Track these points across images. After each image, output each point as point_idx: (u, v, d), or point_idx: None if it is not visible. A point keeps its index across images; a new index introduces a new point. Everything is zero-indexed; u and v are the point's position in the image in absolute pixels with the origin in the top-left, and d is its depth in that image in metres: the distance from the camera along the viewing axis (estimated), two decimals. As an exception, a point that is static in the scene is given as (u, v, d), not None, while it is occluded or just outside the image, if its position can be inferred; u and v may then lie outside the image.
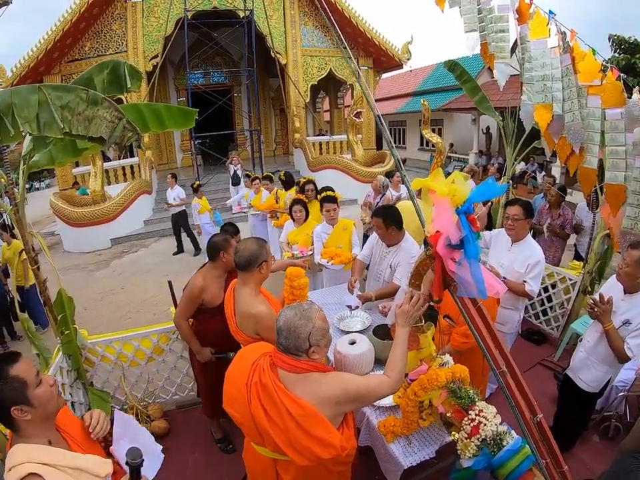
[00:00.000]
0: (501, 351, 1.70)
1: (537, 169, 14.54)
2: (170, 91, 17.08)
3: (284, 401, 1.73)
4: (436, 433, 2.34)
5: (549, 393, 3.88)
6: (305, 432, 1.71)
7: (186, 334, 3.24)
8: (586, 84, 2.61)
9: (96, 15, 12.58)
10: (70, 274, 9.12)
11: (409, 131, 24.60)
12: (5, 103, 2.05)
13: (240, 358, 2.05)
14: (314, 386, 1.76)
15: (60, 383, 3.24)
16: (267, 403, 1.76)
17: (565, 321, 4.66)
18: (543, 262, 3.45)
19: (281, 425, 1.73)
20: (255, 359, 1.92)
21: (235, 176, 11.10)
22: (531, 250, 3.48)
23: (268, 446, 1.84)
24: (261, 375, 1.82)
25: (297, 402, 1.72)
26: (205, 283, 3.09)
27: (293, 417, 1.71)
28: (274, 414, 1.75)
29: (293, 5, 14.88)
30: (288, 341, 1.76)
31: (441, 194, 1.63)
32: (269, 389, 1.77)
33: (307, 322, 1.76)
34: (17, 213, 2.92)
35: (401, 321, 1.98)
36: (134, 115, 3.12)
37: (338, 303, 3.79)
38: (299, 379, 1.77)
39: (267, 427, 1.76)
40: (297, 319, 1.76)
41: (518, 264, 3.47)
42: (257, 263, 2.53)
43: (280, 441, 1.74)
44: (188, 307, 3.15)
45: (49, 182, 35.29)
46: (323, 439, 1.71)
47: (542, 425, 1.70)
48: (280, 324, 1.78)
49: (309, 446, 1.71)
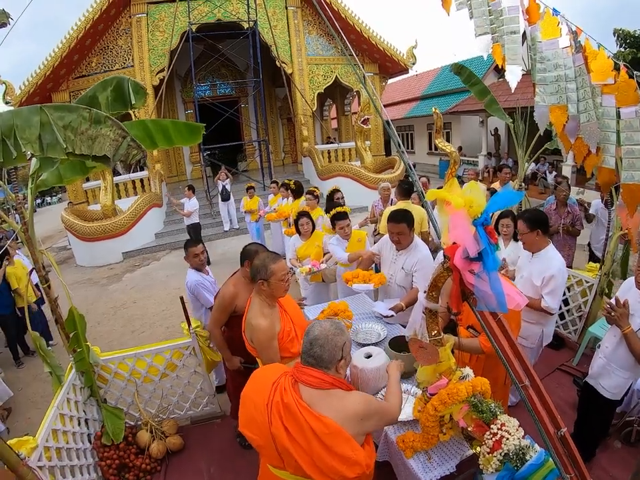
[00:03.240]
0: (523, 363, 1.63)
1: (547, 169, 14.38)
2: (177, 104, 17.25)
3: (308, 420, 1.70)
4: (456, 447, 2.27)
5: (569, 399, 3.79)
6: (330, 451, 1.68)
7: (218, 342, 3.36)
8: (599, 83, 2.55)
9: (101, 31, 12.76)
10: (82, 288, 9.18)
11: (417, 135, 24.52)
12: (7, 125, 2.05)
13: (257, 379, 2.02)
14: (338, 403, 1.75)
15: (73, 400, 3.24)
16: (290, 423, 1.73)
17: (583, 324, 4.56)
18: (559, 275, 3.25)
19: (305, 445, 1.70)
20: (274, 379, 1.89)
21: (224, 191, 11.22)
22: (547, 262, 3.30)
23: (289, 468, 1.79)
24: (282, 394, 1.79)
25: (321, 420, 1.70)
26: (236, 290, 3.19)
27: (317, 436, 1.68)
28: (297, 434, 1.71)
29: (295, 14, 14.95)
30: (323, 350, 1.78)
31: (457, 206, 1.58)
32: (291, 409, 1.74)
33: (341, 333, 1.84)
34: (26, 231, 2.92)
35: (392, 370, 2.24)
36: (141, 132, 3.11)
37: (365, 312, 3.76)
38: (322, 396, 1.76)
39: (289, 448, 1.71)
40: (333, 329, 1.82)
41: (535, 277, 3.34)
42: (255, 277, 2.58)
43: (303, 461, 1.70)
44: (220, 315, 3.27)
45: (61, 196, 35.74)
46: (348, 458, 1.68)
47: (566, 438, 1.63)
48: (316, 333, 1.81)
49: (334, 465, 1.68)
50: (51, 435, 2.80)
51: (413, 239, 3.62)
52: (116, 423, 3.51)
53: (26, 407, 4.93)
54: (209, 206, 13.11)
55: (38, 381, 5.44)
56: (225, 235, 12.01)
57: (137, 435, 3.64)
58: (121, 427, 3.51)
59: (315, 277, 4.79)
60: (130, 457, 3.47)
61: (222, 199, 11.51)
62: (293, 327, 2.70)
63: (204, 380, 3.88)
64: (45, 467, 2.60)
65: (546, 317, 3.42)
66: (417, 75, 24.04)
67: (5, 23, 2.90)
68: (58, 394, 3.06)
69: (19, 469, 2.26)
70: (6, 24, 2.91)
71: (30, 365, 5.92)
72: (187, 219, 9.55)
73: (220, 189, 11.37)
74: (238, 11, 13.76)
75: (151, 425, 3.69)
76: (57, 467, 2.76)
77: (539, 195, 12.83)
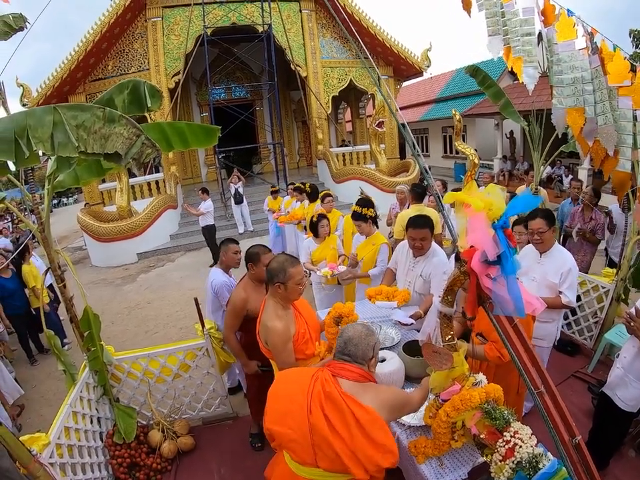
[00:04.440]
0: (538, 370, 1.61)
1: (563, 173, 14.18)
2: (193, 107, 17.40)
3: (351, 407, 1.78)
4: (468, 454, 2.24)
5: (583, 406, 3.72)
6: (370, 439, 1.75)
7: (234, 348, 3.41)
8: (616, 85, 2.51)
9: (117, 35, 12.91)
10: (98, 288, 9.29)
11: (432, 138, 24.37)
12: (20, 125, 2.07)
13: (289, 375, 2.08)
14: (374, 393, 1.88)
15: (86, 398, 3.28)
16: (332, 412, 1.79)
17: (599, 330, 4.47)
18: (575, 269, 3.31)
19: (345, 433, 1.75)
20: (312, 372, 1.97)
21: (237, 194, 11.29)
22: (562, 258, 3.34)
23: (321, 463, 1.78)
24: (324, 384, 1.87)
25: (364, 408, 1.79)
26: (246, 294, 3.22)
27: (358, 423, 1.76)
28: (338, 422, 1.77)
29: (310, 17, 14.97)
30: (357, 348, 1.93)
31: (477, 208, 1.56)
32: (334, 397, 1.81)
33: (372, 334, 2.00)
34: (42, 232, 2.96)
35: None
36: (157, 134, 3.13)
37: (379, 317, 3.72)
38: (360, 388, 1.87)
39: (328, 437, 1.75)
40: (365, 330, 1.99)
41: (551, 274, 3.32)
42: (273, 280, 2.58)
43: (342, 451, 1.74)
44: (234, 321, 3.30)
45: (77, 197, 36.25)
46: (384, 445, 1.76)
47: (580, 446, 1.60)
48: (350, 334, 1.97)
49: (372, 454, 1.74)
50: (63, 432, 2.84)
51: (431, 245, 3.59)
52: (128, 422, 3.54)
53: (39, 404, 5.00)
54: (223, 208, 13.19)
55: (51, 378, 5.51)
56: (239, 237, 12.04)
57: (148, 435, 3.67)
58: (132, 426, 3.54)
59: (328, 280, 4.77)
60: (141, 455, 3.50)
61: (235, 202, 11.60)
62: (307, 329, 2.70)
63: (217, 381, 3.89)
64: (56, 464, 2.64)
65: (559, 313, 3.46)
66: (431, 78, 23.94)
67: (23, 26, 2.95)
68: (71, 392, 3.10)
69: (31, 465, 2.29)
70: (23, 28, 2.96)
71: (44, 363, 6.00)
72: (202, 220, 9.60)
73: (233, 192, 11.45)
74: (252, 15, 13.83)
75: (163, 424, 3.71)
76: (68, 463, 2.80)
77: (555, 199, 12.64)
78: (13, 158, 2.11)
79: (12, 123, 2.12)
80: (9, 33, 2.94)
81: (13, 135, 2.10)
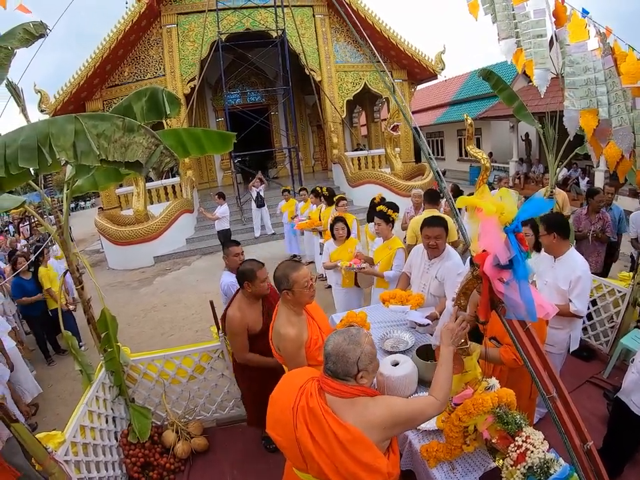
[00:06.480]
0: (551, 374, 1.60)
1: (580, 175, 13.97)
2: (208, 112, 17.56)
3: (332, 426, 1.70)
4: (480, 458, 2.22)
5: (598, 412, 3.64)
6: (352, 457, 1.67)
7: (258, 361, 3.21)
8: (630, 86, 2.48)
9: (133, 42, 13.11)
10: (114, 291, 9.43)
11: (447, 141, 24.23)
12: (43, 133, 2.12)
13: (286, 381, 2.04)
14: (362, 410, 1.73)
15: (102, 398, 3.33)
16: (314, 428, 1.74)
17: (615, 335, 4.38)
18: (585, 277, 3.24)
19: (327, 450, 1.70)
20: (302, 382, 1.90)
21: (259, 198, 11.34)
22: (572, 264, 3.29)
23: (311, 472, 1.80)
24: (308, 399, 1.80)
25: (344, 427, 1.69)
26: (240, 313, 3.14)
27: (340, 442, 1.68)
28: (320, 439, 1.72)
29: (323, 22, 15.03)
30: (336, 366, 1.75)
31: (489, 212, 1.56)
32: (316, 413, 1.74)
33: (355, 347, 1.75)
34: (61, 235, 3.03)
35: (445, 339, 1.94)
36: (174, 140, 3.18)
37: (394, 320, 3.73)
38: (347, 404, 1.75)
39: (312, 452, 1.72)
40: (345, 344, 1.76)
41: (561, 280, 3.30)
42: (279, 288, 2.59)
43: (325, 466, 1.71)
44: (240, 341, 3.20)
45: (94, 201, 36.89)
46: (369, 465, 1.67)
47: (592, 453, 1.59)
48: (328, 349, 1.78)
49: (356, 472, 1.67)
50: (78, 430, 2.89)
51: (446, 247, 3.59)
52: (142, 422, 3.58)
53: (55, 403, 5.10)
54: (239, 212, 13.27)
55: (68, 378, 5.62)
56: (255, 241, 12.12)
57: (162, 435, 3.71)
58: (147, 426, 3.58)
59: (346, 282, 4.82)
60: (155, 455, 3.54)
61: (257, 206, 11.64)
62: (320, 335, 2.68)
63: (231, 383, 3.91)
64: (71, 461, 2.69)
65: (573, 322, 3.37)
66: (445, 80, 23.79)
67: (43, 33, 3.03)
68: (87, 391, 3.16)
69: (46, 462, 2.34)
70: (44, 35, 3.03)
71: (60, 363, 6.12)
72: (218, 224, 9.69)
73: (254, 196, 11.49)
74: (266, 20, 13.95)
75: (177, 425, 3.75)
76: (82, 461, 2.85)
77: (572, 202, 12.45)
78: (36, 165, 2.14)
79: (34, 131, 2.17)
80: (30, 40, 3.02)
81: (36, 143, 2.14)
